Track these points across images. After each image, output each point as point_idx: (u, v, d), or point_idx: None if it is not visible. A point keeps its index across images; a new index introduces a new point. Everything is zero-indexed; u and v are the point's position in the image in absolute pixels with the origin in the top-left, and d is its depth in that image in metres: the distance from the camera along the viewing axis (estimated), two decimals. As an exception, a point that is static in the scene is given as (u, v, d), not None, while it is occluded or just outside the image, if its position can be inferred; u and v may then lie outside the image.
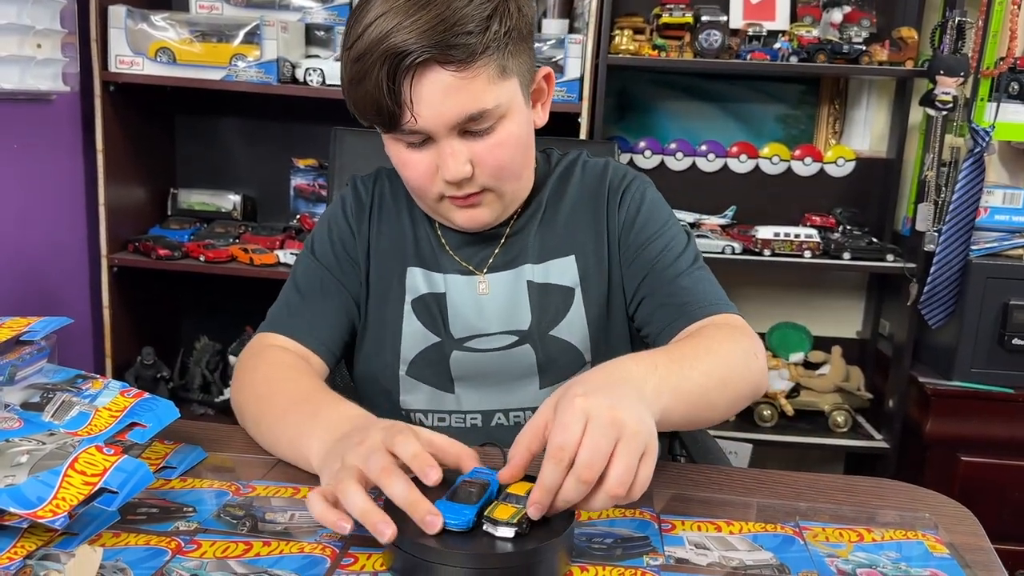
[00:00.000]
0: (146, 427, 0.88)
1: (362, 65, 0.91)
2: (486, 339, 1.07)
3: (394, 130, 0.96)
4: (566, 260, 1.08)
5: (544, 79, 1.06)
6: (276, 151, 2.43)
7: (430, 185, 0.99)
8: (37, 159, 2.03)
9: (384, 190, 1.14)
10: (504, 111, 0.97)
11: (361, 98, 0.94)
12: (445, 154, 0.96)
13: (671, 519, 0.82)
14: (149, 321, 2.35)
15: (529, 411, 1.07)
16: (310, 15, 2.23)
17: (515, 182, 1.04)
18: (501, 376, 1.07)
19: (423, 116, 0.93)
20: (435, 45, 0.89)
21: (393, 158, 1.02)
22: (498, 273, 1.09)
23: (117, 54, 2.08)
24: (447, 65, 0.91)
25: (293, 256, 2.15)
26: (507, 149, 0.98)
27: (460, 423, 1.09)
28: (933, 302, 2.10)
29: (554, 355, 1.07)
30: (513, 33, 0.94)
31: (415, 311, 1.08)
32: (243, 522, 0.78)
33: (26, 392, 0.88)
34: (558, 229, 1.10)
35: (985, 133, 2.02)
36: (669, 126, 2.43)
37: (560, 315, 1.07)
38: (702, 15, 2.11)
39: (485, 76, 0.93)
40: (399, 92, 0.91)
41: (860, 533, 0.82)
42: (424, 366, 1.07)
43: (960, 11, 1.99)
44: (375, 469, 0.73)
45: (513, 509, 0.71)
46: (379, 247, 1.11)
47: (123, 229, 2.22)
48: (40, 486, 0.72)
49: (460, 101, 0.93)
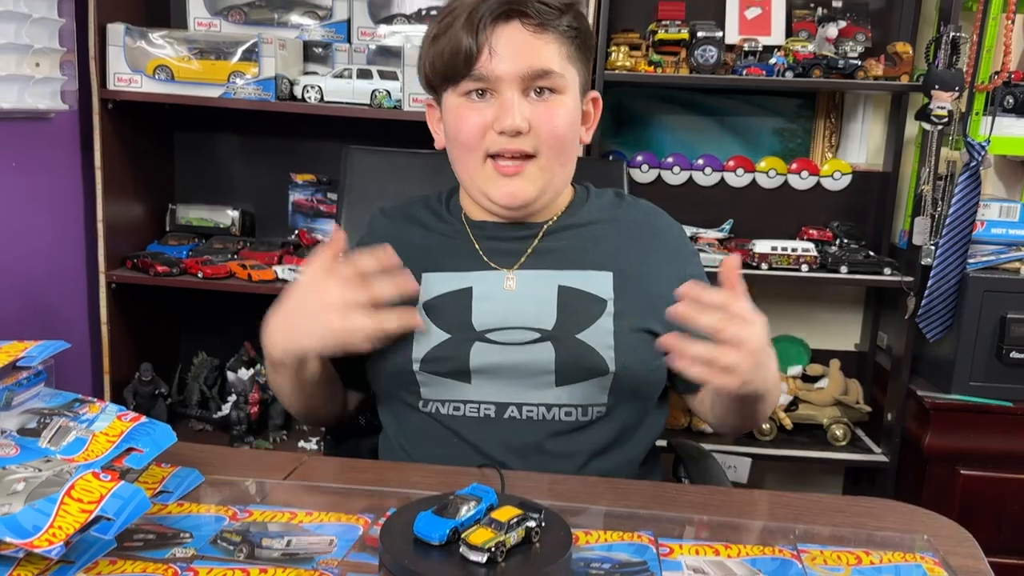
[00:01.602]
0: (143, 452, 0.88)
1: (450, 18, 1.05)
2: (508, 332, 1.09)
3: (466, 74, 1.05)
4: (603, 274, 1.12)
5: (592, 102, 1.17)
6: (274, 166, 2.43)
7: (481, 140, 1.07)
8: (36, 177, 2.03)
9: (398, 214, 1.22)
10: (564, 86, 1.08)
11: (441, 49, 1.06)
12: (506, 104, 1.05)
13: (669, 543, 0.82)
14: (147, 337, 2.35)
15: (543, 407, 1.08)
16: (308, 32, 2.24)
17: (558, 162, 1.10)
18: (518, 371, 1.08)
19: (498, 57, 1.04)
20: (517, 2, 1.04)
21: (450, 119, 1.10)
22: (527, 271, 1.12)
23: (116, 72, 2.08)
24: (526, 23, 1.04)
25: (292, 272, 2.15)
26: (561, 119, 1.08)
27: (474, 412, 1.09)
28: (931, 315, 2.10)
29: (575, 357, 1.08)
30: (580, 36, 1.09)
31: (427, 313, 1.10)
32: (240, 548, 0.78)
33: (23, 417, 0.88)
34: (599, 246, 1.15)
35: (981, 147, 2.02)
36: (666, 140, 2.43)
37: (588, 321, 1.09)
38: (698, 31, 2.11)
39: (555, 48, 1.06)
40: (481, 35, 1.03)
41: (859, 556, 0.81)
42: (438, 361, 1.09)
43: (955, 26, 1.99)
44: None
45: (491, 534, 0.70)
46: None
47: (121, 245, 2.21)
48: (36, 515, 0.72)
49: (533, 56, 1.04)
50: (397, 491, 0.91)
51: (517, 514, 0.73)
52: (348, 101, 2.11)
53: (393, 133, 2.26)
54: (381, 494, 0.91)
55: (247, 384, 2.23)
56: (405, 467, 1.07)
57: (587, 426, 1.09)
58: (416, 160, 1.50)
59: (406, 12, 2.24)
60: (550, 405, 1.08)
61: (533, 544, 0.72)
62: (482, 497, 0.75)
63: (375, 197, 1.46)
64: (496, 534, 0.70)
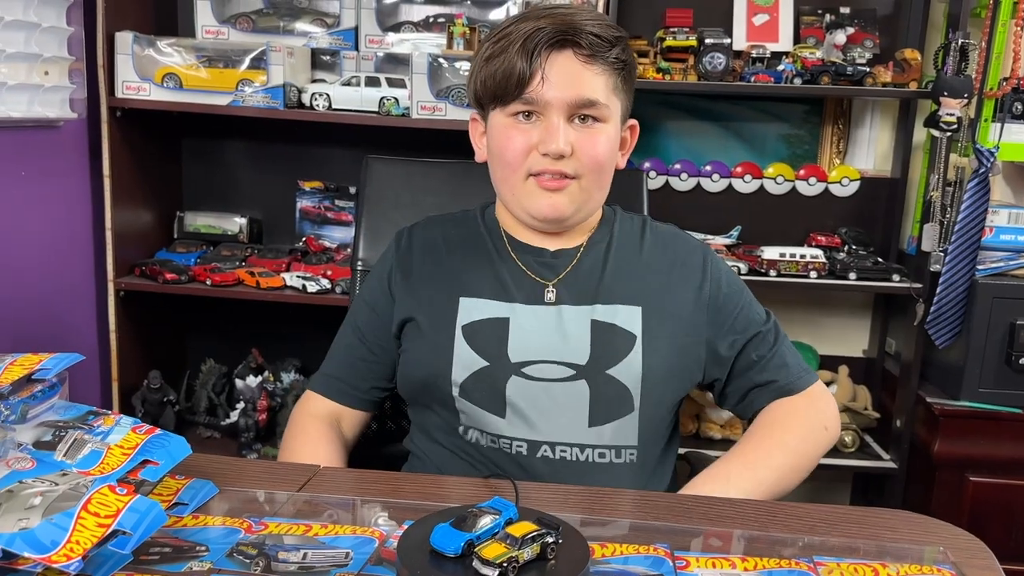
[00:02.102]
0: (158, 464, 0.88)
1: (505, 42, 1.09)
2: (543, 367, 1.11)
3: (516, 96, 1.09)
4: (633, 309, 1.14)
5: (630, 129, 1.21)
6: (282, 174, 2.43)
7: (524, 160, 1.11)
8: (45, 185, 2.04)
9: (429, 234, 1.24)
10: (607, 116, 1.11)
11: (494, 71, 1.10)
12: (552, 129, 1.09)
13: (686, 555, 0.82)
14: (155, 344, 2.35)
15: (576, 448, 1.10)
16: (315, 40, 2.24)
17: (596, 186, 1.14)
18: (553, 409, 1.10)
19: (549, 83, 1.07)
20: (572, 32, 1.07)
21: (496, 137, 1.14)
22: (564, 306, 1.14)
23: (124, 80, 2.09)
24: (578, 53, 1.08)
25: (300, 279, 2.15)
26: (602, 147, 1.11)
27: (507, 448, 1.11)
28: (939, 322, 2.10)
29: (606, 394, 1.10)
30: (627, 68, 1.13)
31: (466, 336, 1.13)
32: (256, 561, 0.78)
33: (38, 430, 0.88)
34: (628, 279, 1.17)
35: (990, 153, 2.02)
36: (674, 147, 2.43)
37: (619, 356, 1.11)
38: (706, 38, 2.11)
39: (603, 79, 1.10)
40: (535, 61, 1.07)
41: (875, 568, 0.81)
42: (475, 389, 1.11)
43: (963, 33, 1.99)
44: None
45: (503, 549, 0.70)
46: (419, 285, 1.19)
47: (130, 253, 2.22)
48: (54, 529, 0.72)
49: (581, 86, 1.08)
50: (414, 504, 0.91)
51: (533, 530, 0.72)
52: (356, 109, 2.11)
53: (401, 140, 2.27)
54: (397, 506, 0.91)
55: (255, 391, 2.24)
56: (419, 478, 1.07)
57: (620, 468, 1.11)
58: (435, 169, 1.51)
59: (414, 20, 2.24)
60: (583, 446, 1.10)
61: (548, 560, 0.72)
62: (501, 511, 0.75)
63: (392, 205, 1.47)
64: (509, 549, 0.70)
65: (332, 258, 2.28)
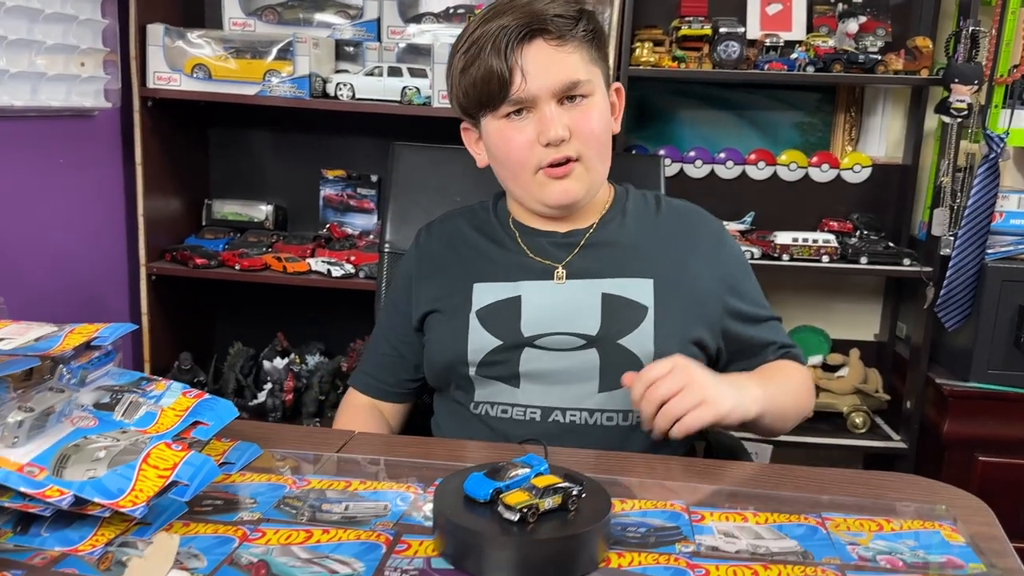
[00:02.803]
0: (208, 425, 0.94)
1: (476, 49, 1.11)
2: (555, 338, 1.15)
3: (504, 99, 1.11)
4: (644, 282, 1.17)
5: (615, 92, 1.23)
6: (305, 162, 2.50)
7: (529, 155, 1.13)
8: (81, 172, 2.11)
9: (443, 232, 1.29)
10: (592, 89, 1.14)
11: (473, 79, 1.12)
12: (545, 119, 1.11)
13: (701, 511, 0.87)
14: (185, 328, 2.42)
15: (585, 412, 1.15)
16: (339, 31, 2.30)
17: (599, 160, 1.17)
18: (564, 376, 1.15)
19: (531, 78, 1.09)
20: (537, 21, 1.09)
21: (494, 141, 1.16)
22: (572, 280, 1.18)
23: (155, 70, 2.15)
24: (548, 39, 1.10)
25: (324, 264, 2.21)
26: (596, 120, 1.14)
27: (520, 416, 1.16)
28: (949, 305, 2.13)
29: (617, 362, 1.13)
30: (596, 37, 1.15)
31: (480, 319, 1.17)
32: (302, 512, 0.84)
33: (96, 393, 0.94)
34: (639, 254, 1.20)
35: (1000, 139, 2.05)
36: (688, 134, 2.48)
37: (630, 327, 1.15)
38: (720, 27, 2.16)
39: (578, 56, 1.12)
40: (510, 59, 1.09)
41: (880, 523, 0.86)
42: (491, 365, 1.16)
43: (974, 20, 2.03)
44: None
45: (526, 497, 0.76)
46: (437, 278, 1.24)
47: (161, 239, 2.29)
48: (119, 479, 0.79)
49: (561, 70, 1.10)
50: (444, 464, 0.97)
51: (556, 482, 0.78)
52: (379, 98, 2.17)
53: (423, 129, 2.32)
54: (429, 467, 0.97)
55: (282, 372, 2.30)
56: (449, 443, 1.13)
57: (628, 431, 1.16)
58: (459, 156, 1.55)
59: (434, 11, 2.30)
60: (592, 410, 1.15)
61: (569, 511, 0.77)
62: (533, 465, 0.81)
63: (418, 190, 1.51)
64: (532, 497, 0.76)
65: (355, 244, 2.34)
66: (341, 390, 2.39)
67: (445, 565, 0.75)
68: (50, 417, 0.85)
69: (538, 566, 0.73)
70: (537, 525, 0.75)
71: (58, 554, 0.75)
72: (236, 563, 0.74)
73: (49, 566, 0.73)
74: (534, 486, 0.77)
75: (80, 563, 0.73)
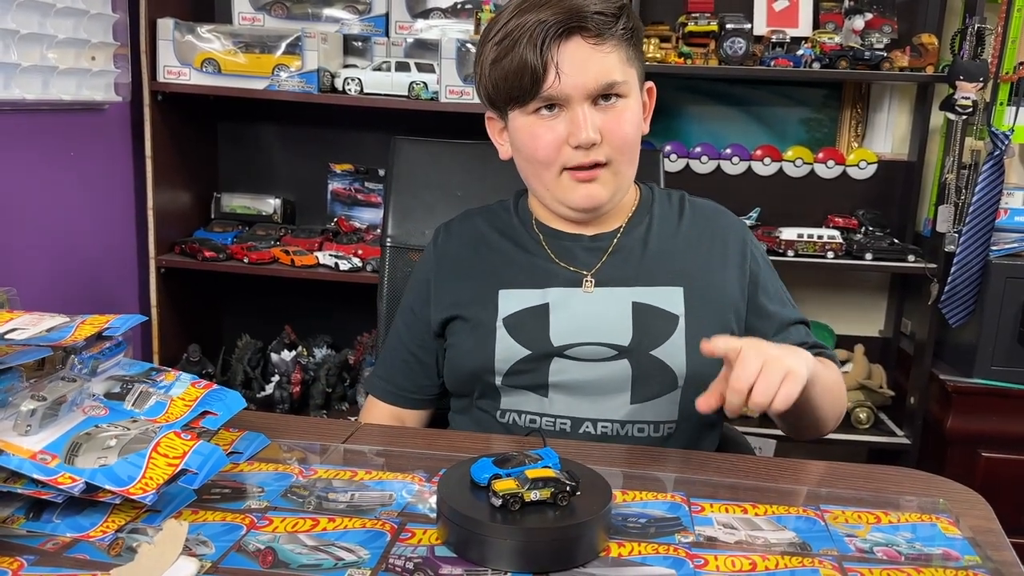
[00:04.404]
0: (217, 415, 0.96)
1: (510, 41, 1.06)
2: (585, 348, 1.12)
3: (535, 95, 1.07)
4: (674, 290, 1.14)
5: (647, 92, 1.18)
6: (313, 157, 2.51)
7: (556, 155, 1.09)
8: (92, 165, 2.13)
9: (463, 233, 1.24)
10: (628, 90, 1.09)
11: (505, 72, 1.07)
12: (577, 119, 1.06)
13: (701, 502, 0.88)
14: (194, 320, 2.44)
15: (617, 423, 1.12)
16: (348, 27, 2.31)
17: (629, 165, 1.13)
18: (595, 387, 1.12)
19: (566, 75, 1.05)
20: (576, 18, 1.04)
21: (521, 137, 1.12)
22: (603, 288, 1.14)
23: (165, 65, 2.17)
24: (587, 37, 1.05)
25: (332, 258, 2.23)
26: (628, 125, 1.10)
27: (550, 426, 1.13)
28: (953, 301, 2.14)
29: (649, 373, 1.12)
30: (634, 36, 1.10)
31: (507, 328, 1.14)
32: (308, 500, 0.86)
33: (107, 383, 0.96)
34: (669, 260, 1.17)
35: (1004, 136, 2.06)
36: (694, 130, 2.48)
37: (662, 337, 1.12)
38: (726, 23, 2.16)
39: (616, 56, 1.07)
40: (546, 55, 1.04)
41: (878, 516, 0.87)
42: (519, 375, 1.13)
43: (980, 18, 2.03)
44: None
45: (513, 485, 0.77)
46: (458, 282, 1.20)
47: (170, 232, 2.31)
48: (129, 467, 0.80)
49: (597, 70, 1.06)
50: (449, 455, 0.98)
51: (548, 476, 0.79)
52: (387, 93, 2.18)
53: (430, 124, 2.33)
54: (434, 458, 0.98)
55: (289, 365, 2.32)
56: (453, 434, 1.14)
57: (660, 442, 1.14)
58: (460, 150, 1.55)
59: (442, 6, 2.31)
60: (624, 422, 1.12)
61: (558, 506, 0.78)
62: (544, 458, 0.82)
63: (421, 185, 1.51)
64: (518, 487, 0.77)
65: (362, 238, 2.35)
66: (348, 383, 2.41)
67: (448, 553, 0.76)
68: (62, 406, 0.87)
69: (538, 555, 0.74)
70: (538, 514, 0.76)
71: (70, 540, 0.76)
72: (244, 550, 0.75)
73: (61, 551, 0.74)
74: (526, 477, 0.78)
75: (91, 549, 0.75)
